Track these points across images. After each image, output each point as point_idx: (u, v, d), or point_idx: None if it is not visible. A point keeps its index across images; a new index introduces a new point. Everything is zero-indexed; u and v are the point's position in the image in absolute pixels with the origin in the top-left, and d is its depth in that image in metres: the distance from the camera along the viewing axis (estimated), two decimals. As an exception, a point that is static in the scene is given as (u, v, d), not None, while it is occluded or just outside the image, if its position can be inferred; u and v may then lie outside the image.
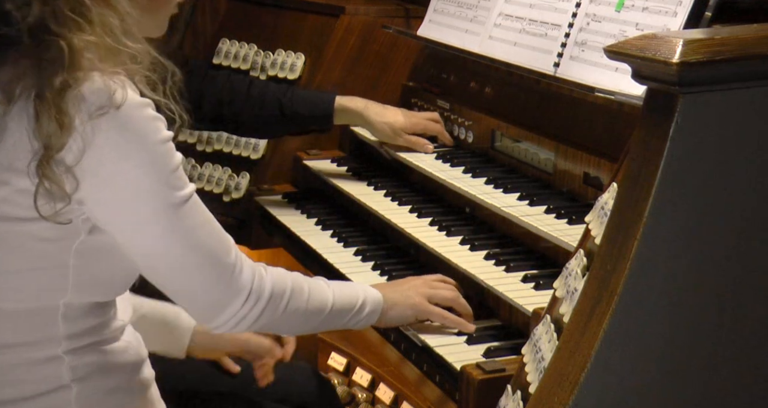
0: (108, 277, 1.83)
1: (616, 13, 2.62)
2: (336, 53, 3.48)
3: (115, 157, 1.69)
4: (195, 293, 1.87)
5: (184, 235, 1.79)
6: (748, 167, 1.71)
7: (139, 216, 1.75)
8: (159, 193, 1.74)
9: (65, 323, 1.81)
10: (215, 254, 1.84)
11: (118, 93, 1.67)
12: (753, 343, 1.78)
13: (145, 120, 1.72)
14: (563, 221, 2.48)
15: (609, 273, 1.66)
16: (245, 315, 1.89)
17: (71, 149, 1.66)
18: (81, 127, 1.65)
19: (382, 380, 2.88)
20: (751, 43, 1.65)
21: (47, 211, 1.68)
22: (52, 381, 1.82)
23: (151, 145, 1.72)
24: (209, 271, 1.84)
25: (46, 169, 1.65)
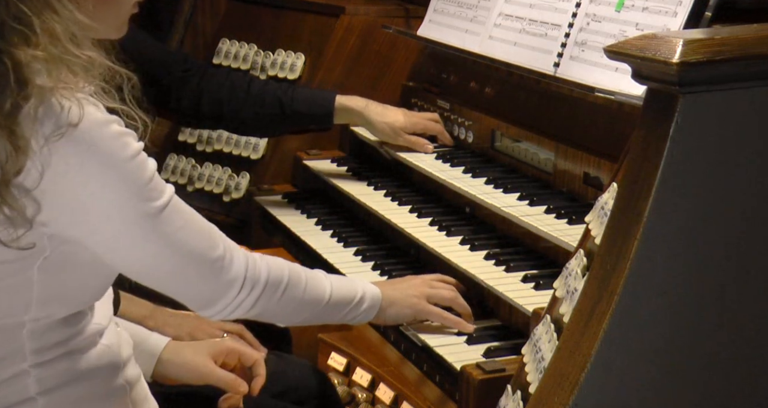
0: (75, 289, 1.80)
1: (616, 13, 2.62)
2: (336, 53, 3.48)
3: (83, 180, 1.65)
4: (187, 290, 1.88)
5: (167, 242, 1.77)
6: (748, 167, 1.71)
7: (117, 232, 1.72)
8: (134, 208, 1.71)
9: (31, 339, 1.77)
10: (201, 252, 1.83)
11: (73, 112, 1.62)
12: (753, 343, 1.78)
13: (110, 138, 1.67)
14: (563, 221, 2.48)
15: (609, 273, 1.66)
16: (240, 303, 1.90)
17: (30, 172, 1.61)
18: (38, 150, 1.61)
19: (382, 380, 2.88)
20: (751, 43, 1.65)
21: (7, 237, 1.64)
22: (15, 394, 1.79)
23: (120, 163, 1.68)
24: (197, 269, 1.84)
25: (5, 194, 1.60)
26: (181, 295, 1.90)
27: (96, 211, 1.69)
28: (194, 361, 2.22)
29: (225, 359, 2.26)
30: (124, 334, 1.98)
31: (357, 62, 3.50)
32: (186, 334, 2.39)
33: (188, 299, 1.91)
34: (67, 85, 1.64)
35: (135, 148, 1.71)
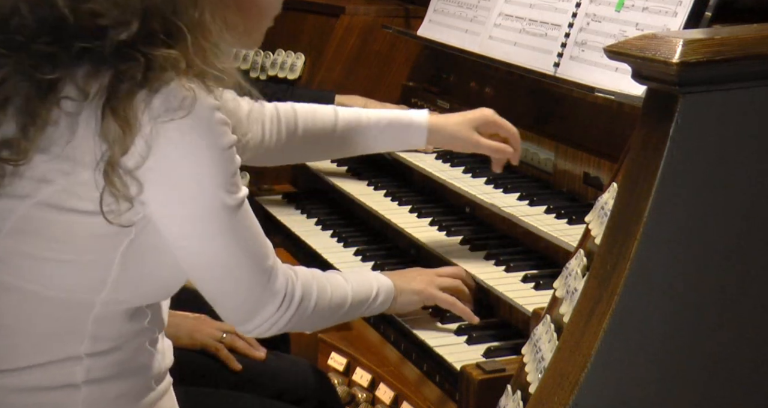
0: (149, 281, 1.83)
1: (616, 13, 2.62)
2: (336, 53, 3.48)
3: (178, 156, 1.70)
4: (233, 295, 1.88)
5: (233, 238, 1.80)
6: (748, 167, 1.71)
7: (194, 214, 1.75)
8: (216, 194, 1.75)
9: (94, 323, 1.81)
10: (258, 258, 1.85)
11: (187, 100, 1.68)
12: (753, 343, 1.78)
13: (216, 124, 1.72)
14: (563, 221, 2.48)
15: (609, 273, 1.66)
16: (278, 319, 1.92)
17: (135, 153, 1.67)
18: (146, 131, 1.67)
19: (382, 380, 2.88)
20: (751, 43, 1.65)
21: (111, 214, 1.70)
22: (62, 378, 1.82)
23: (219, 149, 1.73)
24: (250, 274, 1.85)
25: (112, 174, 1.67)
26: (226, 300, 1.90)
27: (183, 188, 1.73)
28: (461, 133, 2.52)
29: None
30: (167, 343, 2.01)
31: (357, 62, 3.50)
32: (185, 335, 2.39)
33: (231, 306, 1.91)
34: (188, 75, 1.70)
35: (231, 139, 1.76)
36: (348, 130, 2.57)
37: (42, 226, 1.74)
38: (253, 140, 2.48)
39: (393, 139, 2.60)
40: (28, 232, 1.74)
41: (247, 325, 1.92)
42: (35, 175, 1.71)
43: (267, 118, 2.52)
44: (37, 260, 1.76)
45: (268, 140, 2.52)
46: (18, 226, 1.74)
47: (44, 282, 1.77)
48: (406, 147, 2.65)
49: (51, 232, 1.74)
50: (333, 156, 2.75)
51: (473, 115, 2.61)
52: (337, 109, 2.59)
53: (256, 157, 2.54)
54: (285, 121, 2.54)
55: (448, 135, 2.58)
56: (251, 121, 2.47)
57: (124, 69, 1.67)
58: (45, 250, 1.75)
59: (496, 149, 2.58)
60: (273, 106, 2.54)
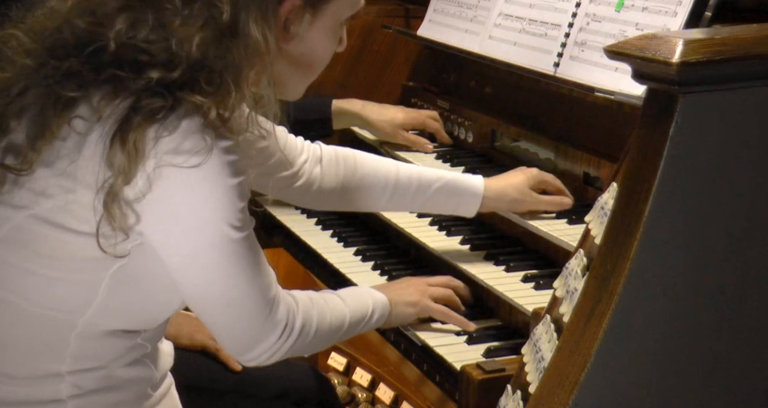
0: (135, 308, 1.82)
1: (616, 13, 2.62)
2: (336, 53, 3.47)
3: (182, 197, 1.69)
4: (234, 326, 1.86)
5: (237, 272, 1.78)
6: (748, 167, 1.71)
7: (197, 246, 1.74)
8: (221, 229, 1.73)
9: (76, 342, 1.79)
10: (260, 290, 1.84)
11: (203, 150, 1.66)
12: (753, 343, 1.78)
13: (224, 167, 1.70)
14: (563, 221, 2.48)
15: (609, 273, 1.66)
16: (278, 349, 1.91)
17: (136, 185, 1.66)
18: (149, 168, 1.65)
19: (382, 380, 2.88)
20: (751, 43, 1.65)
21: (106, 244, 1.69)
22: (46, 393, 1.81)
23: (224, 188, 1.71)
24: (252, 306, 1.84)
25: (111, 204, 1.66)
26: (227, 331, 1.88)
27: (187, 224, 1.71)
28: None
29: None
30: (166, 348, 2.00)
31: (357, 62, 3.49)
32: (185, 335, 2.39)
33: (232, 337, 1.89)
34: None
35: (240, 176, 1.73)
36: (404, 186, 2.50)
37: (33, 238, 1.73)
38: (306, 181, 2.44)
39: (446, 201, 2.52)
40: (19, 242, 1.74)
41: (247, 356, 1.91)
42: (36, 187, 1.71)
43: (325, 160, 2.47)
44: (22, 272, 1.75)
45: (319, 182, 2.46)
46: (10, 235, 1.74)
47: (27, 295, 1.76)
48: (458, 211, 2.56)
49: (41, 247, 1.73)
50: (382, 208, 2.69)
51: (531, 175, 2.54)
52: (397, 164, 2.53)
53: (305, 198, 2.50)
54: (344, 166, 2.48)
55: (506, 200, 2.51)
56: (309, 161, 2.44)
57: (146, 102, 1.65)
58: (32, 264, 1.74)
59: (557, 204, 2.53)
60: (332, 149, 2.50)
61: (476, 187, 2.50)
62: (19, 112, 1.72)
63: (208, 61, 1.68)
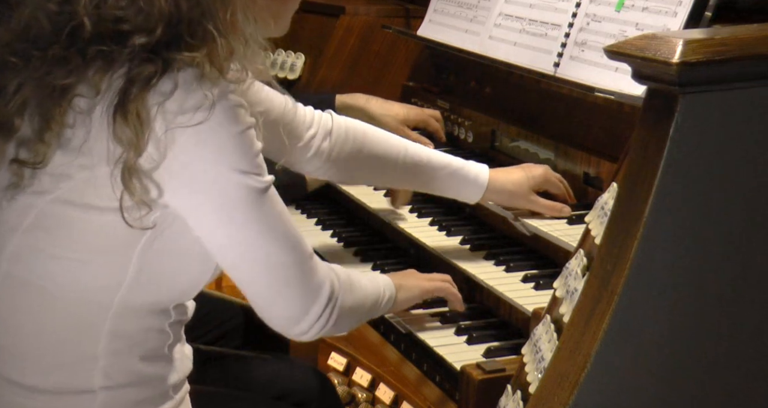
0: (165, 283, 1.81)
1: (616, 13, 2.62)
2: (336, 53, 3.48)
3: (193, 146, 1.67)
4: (279, 291, 1.82)
5: (268, 225, 1.76)
6: (748, 167, 1.71)
7: (222, 203, 1.72)
8: (240, 179, 1.71)
9: (112, 321, 1.79)
10: (295, 247, 1.80)
11: (206, 104, 1.65)
12: (753, 343, 1.78)
13: (230, 113, 1.69)
14: (563, 221, 2.48)
15: (609, 273, 1.66)
16: (329, 314, 1.87)
17: (150, 155, 1.65)
18: (160, 135, 1.65)
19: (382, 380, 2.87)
20: (751, 43, 1.65)
21: (132, 218, 1.69)
22: (79, 381, 1.81)
23: (234, 135, 1.69)
24: (292, 265, 1.80)
25: (130, 178, 1.65)
26: (272, 300, 1.84)
27: (205, 182, 1.70)
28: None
29: None
30: (188, 349, 1.99)
31: (357, 62, 3.50)
32: None
33: (277, 306, 1.85)
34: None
35: (249, 121, 1.72)
36: (410, 167, 2.53)
37: (59, 223, 1.73)
38: (314, 154, 2.46)
39: (449, 187, 2.57)
40: (46, 228, 1.74)
41: (298, 326, 1.86)
42: (55, 171, 1.71)
43: (334, 134, 2.49)
44: (53, 258, 1.75)
45: (327, 154, 2.48)
46: (36, 222, 1.74)
47: (59, 281, 1.76)
48: (459, 197, 2.61)
49: (68, 230, 1.73)
50: (387, 185, 2.72)
51: (532, 175, 2.57)
52: (407, 143, 2.55)
53: (310, 168, 2.52)
54: (352, 141, 2.50)
55: (506, 195, 2.55)
56: (318, 135, 2.46)
57: (137, 71, 1.65)
58: (61, 248, 1.75)
59: (551, 209, 2.54)
60: (343, 122, 2.52)
61: (481, 179, 2.54)
62: (20, 110, 1.71)
63: (183, 12, 1.67)
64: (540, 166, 2.62)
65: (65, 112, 1.68)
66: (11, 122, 1.72)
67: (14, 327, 1.80)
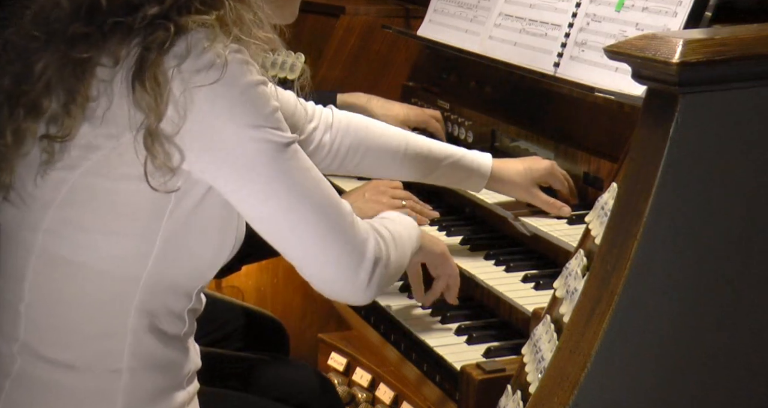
0: (191, 254, 1.83)
1: (616, 13, 2.62)
2: (336, 53, 3.48)
3: (210, 104, 1.69)
4: (324, 251, 1.79)
5: (293, 180, 1.75)
6: (748, 167, 1.71)
7: (246, 161, 1.72)
8: (259, 134, 1.72)
9: (142, 295, 1.81)
10: (331, 206, 1.79)
11: (218, 63, 1.68)
12: (753, 343, 1.78)
13: (238, 65, 1.71)
14: (563, 221, 2.48)
15: (609, 273, 1.66)
16: (384, 267, 1.84)
17: (170, 119, 1.68)
18: (178, 96, 1.68)
19: (382, 380, 2.88)
20: (751, 43, 1.65)
21: (156, 182, 1.71)
22: (106, 361, 1.83)
23: (247, 90, 1.71)
24: (328, 223, 1.78)
25: (152, 143, 1.68)
26: (319, 262, 1.80)
27: (227, 141, 1.71)
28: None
29: None
30: (196, 347, 2.01)
31: (357, 62, 3.50)
32: None
33: (326, 268, 1.80)
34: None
35: (257, 78, 1.74)
36: (412, 158, 2.54)
37: (90, 196, 1.77)
38: (316, 147, 2.47)
39: (452, 177, 2.58)
40: (78, 202, 1.77)
41: (348, 291, 1.82)
42: (82, 143, 1.74)
43: (335, 127, 2.50)
44: (85, 231, 1.79)
45: (328, 148, 2.49)
46: (68, 197, 1.77)
47: (92, 254, 1.79)
48: (463, 187, 2.62)
49: (98, 202, 1.77)
50: (390, 177, 2.72)
51: (536, 168, 2.57)
52: (407, 135, 2.56)
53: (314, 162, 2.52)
54: (354, 135, 2.51)
55: (508, 185, 2.56)
56: (320, 128, 2.48)
57: (152, 38, 1.69)
58: (92, 221, 1.78)
59: (551, 206, 2.54)
60: (345, 116, 2.53)
61: (484, 168, 2.56)
62: (47, 90, 1.75)
63: None
64: (546, 160, 2.63)
65: (89, 84, 1.72)
66: (40, 103, 1.76)
67: (49, 301, 1.83)
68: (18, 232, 1.84)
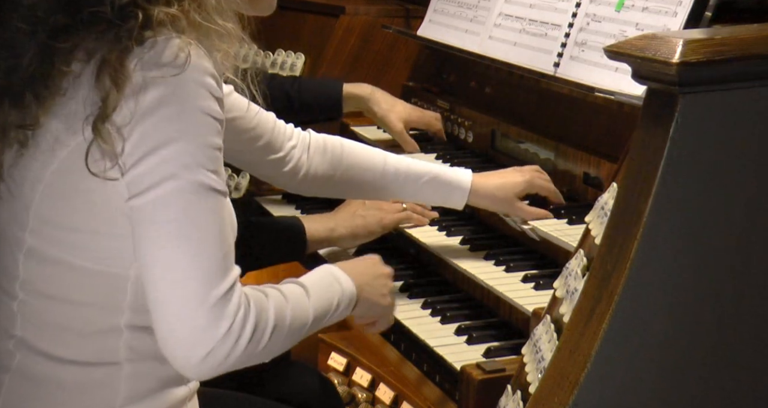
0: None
1: (616, 13, 2.62)
2: (336, 53, 3.48)
3: (161, 115, 1.68)
4: (179, 301, 1.68)
5: (195, 225, 1.68)
6: (748, 167, 1.71)
7: (159, 180, 1.67)
8: (192, 167, 1.68)
9: (133, 294, 1.80)
10: (216, 264, 1.69)
11: (181, 58, 1.68)
12: (753, 343, 1.78)
13: (196, 84, 1.70)
14: (563, 221, 2.48)
15: (609, 273, 1.66)
16: (227, 352, 1.69)
17: (125, 109, 1.68)
18: (137, 86, 1.68)
19: (382, 380, 2.87)
20: (751, 43, 1.65)
21: (97, 168, 1.70)
22: (105, 355, 1.83)
23: (201, 112, 1.70)
24: (202, 279, 1.67)
25: (101, 128, 1.68)
26: (169, 322, 1.69)
27: (160, 153, 1.68)
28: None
29: None
30: None
31: (357, 62, 3.50)
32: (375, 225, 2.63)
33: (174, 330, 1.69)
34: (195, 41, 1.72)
35: (219, 112, 1.73)
36: (391, 176, 2.52)
37: (65, 194, 1.76)
38: (294, 166, 2.46)
39: (432, 194, 2.55)
40: (54, 200, 1.77)
41: (190, 360, 1.69)
42: (50, 140, 1.75)
43: (312, 148, 2.49)
44: (66, 230, 1.78)
45: (307, 168, 2.48)
46: (45, 194, 1.77)
47: (78, 253, 1.79)
48: (445, 204, 2.59)
49: (74, 201, 1.76)
50: (368, 197, 2.67)
51: (516, 182, 2.55)
52: (386, 156, 2.54)
53: (293, 183, 2.52)
54: (330, 155, 2.50)
55: (489, 200, 2.54)
56: (298, 147, 2.47)
57: (120, 27, 1.70)
58: (72, 220, 1.77)
59: (535, 215, 2.52)
60: (321, 137, 2.52)
61: (464, 183, 2.53)
62: (31, 81, 1.76)
63: None
64: (527, 170, 2.60)
65: (63, 74, 1.72)
66: (23, 96, 1.76)
67: (41, 300, 1.83)
68: (8, 228, 1.84)
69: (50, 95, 1.73)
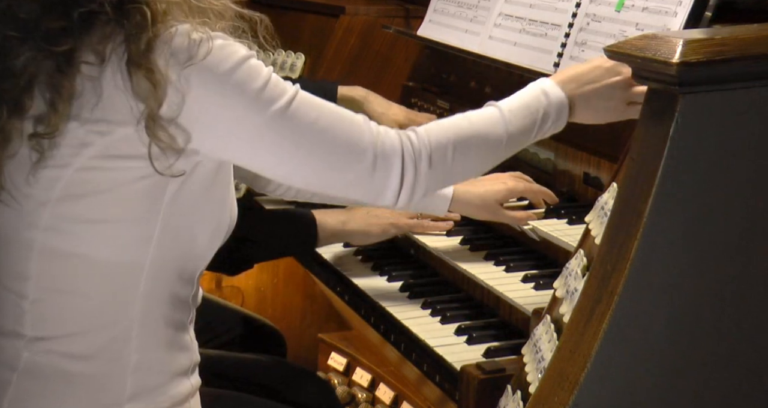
0: (193, 236, 1.87)
1: (616, 13, 2.62)
2: (336, 53, 3.48)
3: (206, 80, 1.74)
4: (348, 185, 1.88)
5: (303, 137, 1.81)
6: (748, 167, 1.71)
7: (250, 130, 1.78)
8: (261, 107, 1.77)
9: (146, 284, 1.85)
10: (345, 141, 1.85)
11: (204, 40, 1.73)
12: (753, 343, 1.78)
13: (221, 52, 1.75)
14: (563, 221, 2.48)
15: (609, 273, 1.66)
16: (412, 184, 1.88)
17: (170, 103, 1.72)
18: (174, 79, 1.72)
19: (382, 380, 2.88)
20: (751, 43, 1.65)
21: (160, 166, 1.75)
22: (114, 348, 1.86)
23: (240, 66, 1.76)
24: (346, 159, 1.84)
25: (155, 128, 1.72)
26: (346, 191, 1.90)
27: (228, 125, 1.77)
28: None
29: None
30: (196, 343, 2.03)
31: (357, 62, 3.50)
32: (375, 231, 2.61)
33: (356, 193, 1.90)
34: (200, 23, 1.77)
35: (240, 56, 1.78)
36: None
37: (87, 189, 1.78)
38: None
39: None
40: (75, 197, 1.79)
41: (383, 202, 1.90)
42: (73, 142, 1.76)
43: None
44: (84, 223, 1.80)
45: None
46: (64, 193, 1.79)
47: (95, 244, 1.82)
48: (426, 212, 2.61)
49: (96, 195, 1.79)
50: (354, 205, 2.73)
51: (497, 189, 2.54)
52: None
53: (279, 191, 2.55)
54: None
55: (471, 208, 2.55)
56: None
57: (132, 27, 1.72)
58: (92, 213, 1.80)
59: (518, 220, 2.52)
60: None
61: (445, 192, 2.52)
62: (29, 87, 1.76)
63: None
64: (507, 177, 2.58)
65: (74, 78, 1.73)
66: (22, 101, 1.77)
67: (55, 296, 1.85)
68: (15, 232, 1.85)
69: (64, 101, 1.74)
